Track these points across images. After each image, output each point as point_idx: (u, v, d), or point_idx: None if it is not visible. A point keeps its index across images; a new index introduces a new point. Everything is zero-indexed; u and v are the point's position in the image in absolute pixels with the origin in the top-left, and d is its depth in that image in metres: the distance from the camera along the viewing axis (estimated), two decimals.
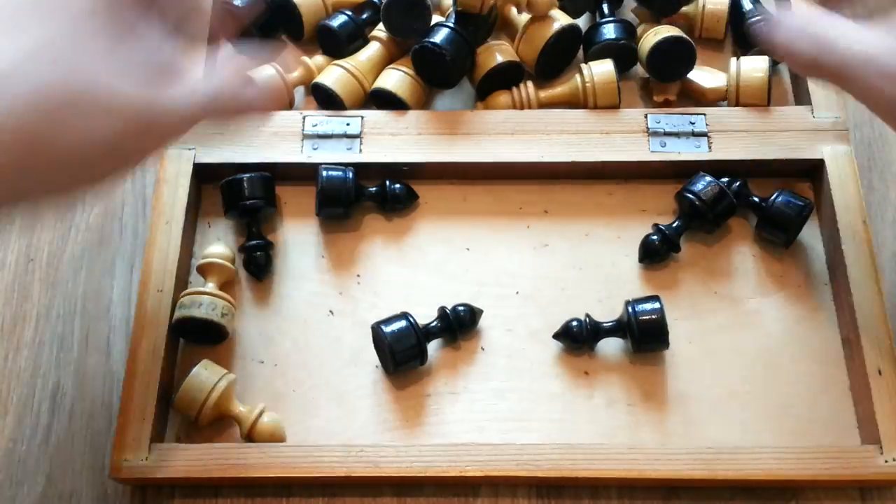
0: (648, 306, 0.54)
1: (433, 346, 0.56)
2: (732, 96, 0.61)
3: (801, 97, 0.62)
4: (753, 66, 0.61)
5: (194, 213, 0.60)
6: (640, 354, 0.55)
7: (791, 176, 0.60)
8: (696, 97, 0.63)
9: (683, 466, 0.50)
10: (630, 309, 0.54)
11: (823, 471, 0.50)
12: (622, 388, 0.55)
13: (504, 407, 0.54)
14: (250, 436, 0.52)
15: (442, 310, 0.56)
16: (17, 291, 0.60)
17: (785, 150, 0.59)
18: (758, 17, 0.63)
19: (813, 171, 0.60)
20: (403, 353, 0.53)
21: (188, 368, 0.53)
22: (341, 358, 0.56)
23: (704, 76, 0.63)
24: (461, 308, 0.55)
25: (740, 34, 0.65)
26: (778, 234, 0.58)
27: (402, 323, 0.54)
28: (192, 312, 0.54)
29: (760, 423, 0.53)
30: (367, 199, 0.60)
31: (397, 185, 0.59)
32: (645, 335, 0.54)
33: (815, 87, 0.61)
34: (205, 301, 0.55)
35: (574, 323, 0.55)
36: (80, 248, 0.61)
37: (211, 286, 0.56)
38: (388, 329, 0.53)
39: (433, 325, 0.55)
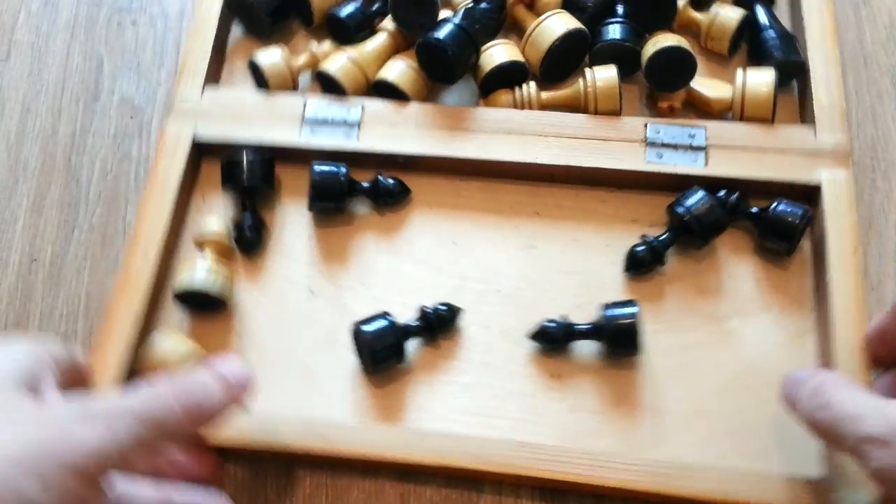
0: (624, 310, 0.54)
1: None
2: (737, 109, 0.60)
3: (807, 116, 0.61)
4: (759, 80, 0.60)
5: (189, 186, 0.62)
6: (615, 363, 0.55)
7: (787, 197, 0.59)
8: (702, 107, 0.62)
9: (635, 477, 0.50)
10: (605, 312, 0.54)
11: (775, 499, 0.49)
12: (592, 395, 0.55)
13: (471, 402, 0.55)
14: None
15: (423, 310, 0.56)
16: (20, 291, 0.60)
17: (782, 171, 0.58)
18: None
19: (810, 195, 0.59)
20: (382, 351, 0.54)
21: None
22: (316, 338, 0.57)
23: (711, 86, 0.62)
24: (442, 307, 0.56)
25: (756, 48, 0.64)
26: (780, 242, 0.57)
27: (383, 323, 0.54)
28: (193, 284, 0.55)
29: (724, 442, 0.53)
30: (358, 193, 0.60)
31: (390, 181, 0.60)
32: (616, 338, 0.54)
33: (820, 108, 0.60)
34: (202, 270, 0.56)
35: (549, 324, 0.55)
36: (83, 247, 0.61)
37: (208, 257, 0.57)
38: (367, 329, 0.54)
39: (413, 325, 0.55)
